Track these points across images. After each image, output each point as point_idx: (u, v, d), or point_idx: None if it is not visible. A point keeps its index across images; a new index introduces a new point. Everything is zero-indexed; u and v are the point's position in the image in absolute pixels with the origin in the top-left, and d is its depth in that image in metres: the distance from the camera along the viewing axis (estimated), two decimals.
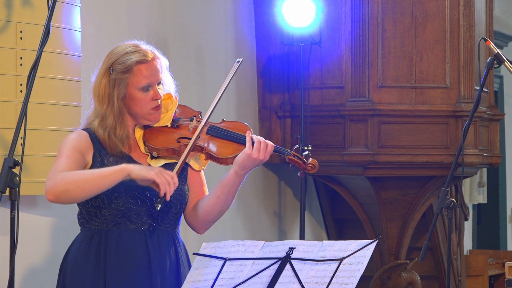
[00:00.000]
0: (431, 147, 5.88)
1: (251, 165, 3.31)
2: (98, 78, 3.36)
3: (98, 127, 3.32)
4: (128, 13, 5.12)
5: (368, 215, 6.33)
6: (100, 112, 3.33)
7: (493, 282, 8.66)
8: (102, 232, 3.31)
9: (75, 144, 3.29)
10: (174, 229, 3.39)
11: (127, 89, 3.31)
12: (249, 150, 3.28)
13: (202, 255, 2.99)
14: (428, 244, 3.65)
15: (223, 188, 3.34)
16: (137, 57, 3.31)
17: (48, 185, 3.18)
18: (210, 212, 3.38)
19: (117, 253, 3.28)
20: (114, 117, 3.30)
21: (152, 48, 3.39)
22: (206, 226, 3.43)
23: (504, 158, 9.80)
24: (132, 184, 3.26)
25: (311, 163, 3.37)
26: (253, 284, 2.88)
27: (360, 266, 2.82)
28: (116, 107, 3.30)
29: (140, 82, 3.31)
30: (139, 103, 3.32)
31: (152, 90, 3.33)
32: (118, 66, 3.31)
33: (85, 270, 3.30)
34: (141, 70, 3.31)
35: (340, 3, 5.90)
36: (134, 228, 3.29)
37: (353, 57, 5.86)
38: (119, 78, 3.30)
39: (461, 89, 5.90)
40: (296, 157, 3.38)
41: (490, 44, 3.78)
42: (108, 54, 3.37)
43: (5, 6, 4.17)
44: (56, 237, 4.63)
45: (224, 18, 6.02)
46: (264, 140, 3.32)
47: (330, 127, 5.96)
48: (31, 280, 4.48)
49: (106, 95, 3.31)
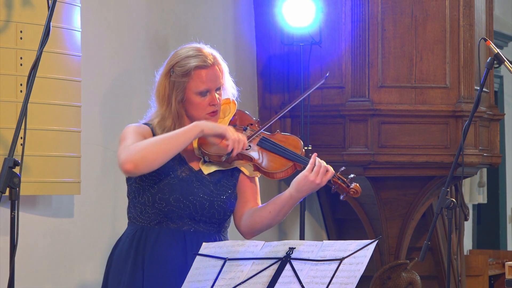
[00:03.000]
0: (431, 147, 5.88)
1: (307, 188, 3.33)
2: (160, 78, 3.39)
3: (157, 126, 3.36)
4: (128, 13, 5.12)
5: (368, 215, 6.33)
6: (160, 112, 3.37)
7: (493, 282, 8.66)
8: (144, 228, 3.35)
9: (139, 131, 3.34)
10: (219, 231, 3.42)
11: (185, 93, 3.34)
12: (308, 172, 3.30)
13: (202, 255, 2.99)
14: (428, 244, 3.65)
15: (276, 206, 3.37)
16: (197, 62, 3.33)
17: (123, 157, 3.19)
18: (258, 223, 3.41)
19: (153, 249, 3.32)
20: (172, 119, 3.34)
21: (215, 53, 3.41)
22: (253, 234, 3.47)
23: (504, 158, 9.80)
24: (177, 187, 3.30)
25: (354, 189, 3.36)
26: (253, 284, 2.88)
27: (360, 266, 2.82)
28: (174, 109, 3.34)
29: (198, 87, 3.33)
30: (196, 107, 3.35)
31: (210, 95, 3.35)
32: (178, 69, 3.33)
33: (126, 264, 3.35)
34: (200, 75, 3.33)
35: (340, 3, 5.90)
36: (175, 228, 3.33)
37: (353, 57, 5.86)
38: (178, 81, 3.33)
39: (461, 89, 5.90)
40: (340, 180, 3.37)
41: (490, 44, 3.77)
42: (172, 54, 3.41)
43: (5, 6, 4.17)
44: (56, 237, 4.63)
45: (224, 18, 6.02)
46: (326, 165, 3.33)
47: (330, 127, 5.96)
48: (31, 280, 4.48)
49: (166, 97, 3.35)
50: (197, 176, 3.38)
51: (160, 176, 3.33)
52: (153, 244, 3.33)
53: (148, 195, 3.32)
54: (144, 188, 3.35)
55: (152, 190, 3.31)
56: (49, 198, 4.55)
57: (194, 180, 3.36)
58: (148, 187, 3.34)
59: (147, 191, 3.32)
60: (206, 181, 3.38)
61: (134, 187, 3.37)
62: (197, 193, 3.34)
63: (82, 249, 4.77)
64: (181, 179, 3.35)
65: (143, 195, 3.33)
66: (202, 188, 3.36)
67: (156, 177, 3.33)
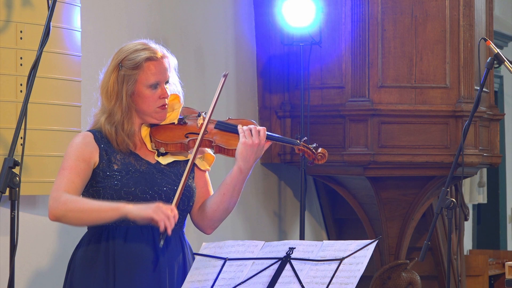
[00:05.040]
0: (431, 147, 5.88)
1: (251, 155, 3.33)
2: (106, 74, 3.38)
3: (105, 122, 3.34)
4: (128, 13, 5.12)
5: (368, 215, 6.33)
6: (108, 108, 3.35)
7: (493, 282, 8.66)
8: (110, 228, 3.32)
9: (78, 153, 3.32)
10: (180, 228, 3.39)
11: (136, 86, 3.33)
12: (243, 139, 3.32)
13: (202, 255, 2.99)
14: (428, 244, 3.65)
15: (228, 185, 3.36)
16: (147, 54, 3.34)
17: (51, 205, 3.24)
18: (216, 210, 3.39)
19: (124, 249, 3.29)
20: (122, 112, 3.33)
21: (161, 47, 3.42)
22: (213, 225, 3.44)
23: (504, 158, 9.80)
24: (140, 179, 3.29)
25: (321, 152, 3.44)
26: (253, 284, 2.89)
27: (360, 266, 2.82)
28: (125, 103, 3.33)
29: (149, 79, 3.33)
30: (146, 101, 3.35)
31: (160, 88, 3.35)
32: (127, 62, 3.34)
33: (95, 268, 3.31)
34: (150, 67, 3.34)
35: (340, 3, 5.90)
36: (142, 224, 3.28)
37: (353, 57, 5.86)
38: (128, 74, 3.33)
39: (461, 89, 5.90)
40: (305, 147, 3.43)
41: (490, 44, 3.78)
42: (117, 51, 3.40)
43: (5, 6, 4.17)
44: (56, 237, 4.63)
45: (224, 18, 6.02)
46: (255, 126, 3.36)
47: (330, 127, 5.96)
48: (31, 280, 4.48)
49: (115, 91, 3.34)
50: (156, 167, 3.36)
51: (121, 172, 3.31)
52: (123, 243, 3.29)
53: (110, 193, 3.28)
54: (105, 188, 3.30)
55: (115, 187, 3.28)
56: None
57: (154, 171, 3.35)
58: (109, 187, 3.30)
59: (109, 189, 3.29)
60: (167, 172, 3.36)
61: (90, 192, 3.34)
62: (161, 183, 3.32)
63: None
64: (142, 172, 3.33)
65: (104, 195, 3.29)
66: (164, 178, 3.35)
67: (114, 175, 3.31)
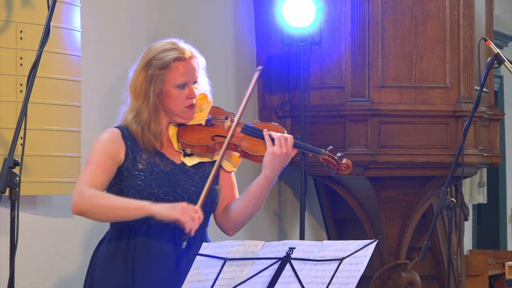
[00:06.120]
0: (431, 147, 5.88)
1: (278, 164, 3.36)
2: (135, 73, 3.40)
3: (132, 121, 3.36)
4: (128, 13, 5.12)
5: (368, 215, 6.33)
6: (135, 107, 3.37)
7: (493, 282, 8.66)
8: (132, 227, 3.34)
9: (106, 149, 3.34)
10: (203, 228, 3.40)
11: (163, 86, 3.35)
12: (271, 148, 3.33)
13: (202, 255, 2.99)
14: (428, 244, 3.65)
15: (254, 192, 3.38)
16: (175, 54, 3.35)
17: (75, 199, 3.25)
18: (240, 215, 3.42)
19: (145, 248, 3.30)
20: (149, 112, 3.34)
21: (190, 47, 3.42)
22: (236, 228, 3.47)
23: (504, 158, 9.80)
24: (164, 181, 3.30)
25: (345, 164, 3.42)
26: (253, 284, 2.89)
27: (360, 266, 2.82)
28: (152, 103, 3.34)
29: (177, 80, 3.34)
30: (174, 101, 3.36)
31: (188, 88, 3.37)
32: (155, 62, 3.35)
33: (115, 266, 3.33)
34: (178, 68, 3.35)
35: (340, 3, 5.90)
36: (163, 224, 3.30)
37: (353, 57, 5.86)
38: (156, 74, 3.34)
39: (461, 89, 5.89)
40: (330, 157, 3.42)
41: (490, 44, 3.78)
42: (146, 50, 3.42)
43: (5, 6, 4.17)
44: (56, 237, 4.63)
45: (224, 18, 6.02)
46: (282, 134, 3.36)
47: (330, 127, 5.96)
48: (31, 280, 4.48)
49: (143, 91, 3.35)
50: (181, 168, 3.38)
51: (145, 173, 3.32)
52: (144, 243, 3.31)
53: (133, 192, 3.30)
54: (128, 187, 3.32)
55: (138, 187, 3.30)
56: (49, 198, 4.55)
57: (179, 173, 3.36)
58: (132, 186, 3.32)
59: (132, 188, 3.31)
60: (191, 173, 3.38)
61: (114, 190, 3.36)
62: (184, 185, 3.34)
63: (82, 249, 4.77)
64: (166, 173, 3.35)
65: (128, 194, 3.31)
66: (188, 180, 3.36)
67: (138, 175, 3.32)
